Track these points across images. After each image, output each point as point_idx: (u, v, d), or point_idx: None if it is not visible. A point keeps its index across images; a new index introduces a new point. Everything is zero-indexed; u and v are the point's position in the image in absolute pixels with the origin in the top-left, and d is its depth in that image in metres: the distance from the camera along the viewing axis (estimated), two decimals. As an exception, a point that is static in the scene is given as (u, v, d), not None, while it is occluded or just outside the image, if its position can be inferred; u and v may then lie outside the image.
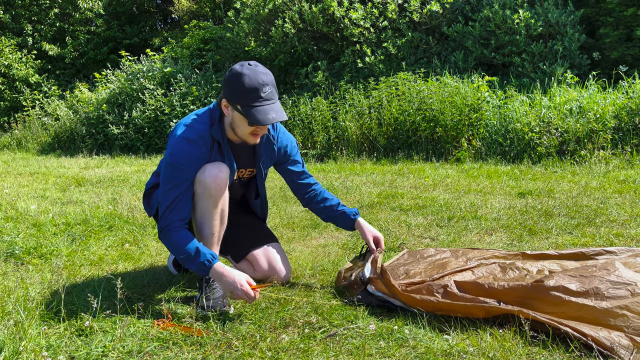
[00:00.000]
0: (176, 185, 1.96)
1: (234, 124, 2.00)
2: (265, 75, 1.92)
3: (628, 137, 5.59)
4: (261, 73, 1.91)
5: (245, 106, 1.91)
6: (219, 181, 1.98)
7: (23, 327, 1.73)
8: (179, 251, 1.93)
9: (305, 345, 1.66)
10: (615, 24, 7.51)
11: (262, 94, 1.90)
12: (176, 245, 1.94)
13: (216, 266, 1.91)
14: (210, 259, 1.91)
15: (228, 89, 1.94)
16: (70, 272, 2.48)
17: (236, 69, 1.92)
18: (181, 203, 1.96)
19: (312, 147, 7.25)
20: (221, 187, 2.00)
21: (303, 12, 8.14)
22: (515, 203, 3.73)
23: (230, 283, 1.87)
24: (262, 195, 2.36)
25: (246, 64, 1.93)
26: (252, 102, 1.90)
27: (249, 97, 1.89)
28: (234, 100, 1.94)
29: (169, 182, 1.97)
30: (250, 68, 1.91)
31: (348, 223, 2.28)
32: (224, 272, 1.89)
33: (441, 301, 1.83)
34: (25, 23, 12.96)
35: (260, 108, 1.90)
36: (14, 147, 10.24)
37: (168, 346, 1.69)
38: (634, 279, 1.71)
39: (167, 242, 1.98)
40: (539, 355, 1.56)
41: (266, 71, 1.94)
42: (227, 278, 1.88)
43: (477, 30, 7.55)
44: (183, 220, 1.97)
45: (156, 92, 8.63)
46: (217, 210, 2.02)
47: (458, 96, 6.38)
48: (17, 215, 3.64)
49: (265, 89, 1.90)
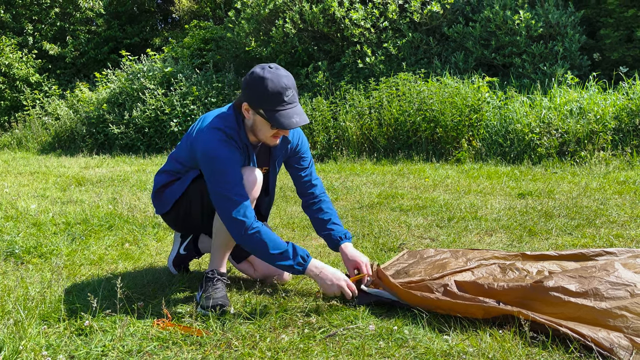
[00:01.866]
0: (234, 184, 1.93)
1: (255, 127, 1.99)
2: (287, 79, 1.90)
3: (628, 138, 5.59)
4: (283, 76, 1.89)
5: (268, 110, 1.89)
6: (257, 187, 2.02)
7: (23, 326, 1.73)
8: (273, 247, 1.91)
9: (304, 345, 1.66)
10: (615, 25, 7.51)
11: (285, 98, 1.88)
12: (267, 243, 1.91)
13: (313, 262, 1.94)
14: (306, 256, 1.94)
15: (250, 93, 1.92)
16: (70, 271, 2.48)
17: (258, 73, 1.89)
18: (247, 201, 1.95)
19: (312, 147, 7.26)
20: (257, 191, 2.03)
21: (304, 12, 8.14)
22: (515, 204, 3.73)
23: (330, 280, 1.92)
24: (272, 193, 2.36)
25: (267, 67, 1.90)
26: (275, 107, 1.88)
27: (272, 101, 1.87)
28: (257, 104, 1.91)
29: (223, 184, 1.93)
30: (272, 71, 1.88)
31: (332, 245, 2.23)
32: (323, 269, 1.93)
33: (441, 299, 1.83)
34: (26, 22, 12.97)
35: (283, 112, 1.88)
36: (15, 147, 10.25)
37: (168, 346, 1.69)
38: (634, 279, 1.71)
39: (256, 241, 1.92)
40: (538, 356, 1.56)
41: (288, 74, 1.92)
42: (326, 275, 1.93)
43: (478, 31, 7.55)
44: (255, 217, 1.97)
45: (156, 91, 8.63)
46: None
47: (458, 97, 6.38)
48: (17, 214, 3.64)
49: (288, 92, 1.88)
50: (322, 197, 2.29)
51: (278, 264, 1.94)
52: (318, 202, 2.28)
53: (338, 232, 2.22)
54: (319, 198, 2.29)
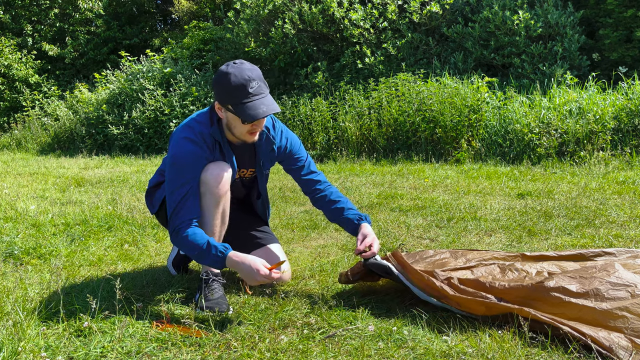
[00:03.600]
0: (182, 184, 1.96)
1: (230, 124, 2.00)
2: (251, 71, 1.90)
3: (627, 138, 5.60)
4: (246, 69, 1.90)
5: (235, 105, 1.90)
6: (222, 180, 1.98)
7: (22, 327, 1.72)
8: (192, 248, 1.91)
9: (304, 346, 1.66)
10: (614, 25, 7.51)
11: (250, 90, 1.88)
12: (188, 242, 1.91)
13: (231, 255, 1.88)
14: (224, 250, 1.88)
15: (217, 91, 1.94)
16: (69, 272, 2.48)
17: (222, 70, 1.92)
18: (189, 202, 1.96)
19: (311, 147, 7.26)
20: (223, 187, 2.00)
21: (303, 12, 8.14)
22: (515, 204, 3.73)
23: (249, 269, 1.84)
24: (264, 196, 2.36)
25: (231, 63, 1.92)
26: (241, 100, 1.88)
27: (237, 95, 1.88)
28: (224, 100, 1.93)
29: (175, 182, 1.97)
30: (235, 66, 1.90)
31: (351, 228, 2.19)
32: (240, 260, 1.86)
33: (445, 288, 1.83)
34: (25, 23, 12.96)
35: (250, 104, 1.88)
36: (14, 147, 10.24)
37: (167, 347, 1.69)
38: (634, 280, 1.71)
39: (179, 241, 1.95)
40: (538, 356, 1.56)
41: (252, 67, 1.93)
42: (244, 265, 1.84)
43: (477, 31, 7.56)
44: (192, 219, 1.96)
45: (156, 92, 8.63)
46: (219, 209, 2.02)
47: (458, 97, 6.39)
48: (17, 215, 3.64)
49: (252, 84, 1.88)
50: (328, 188, 2.27)
51: (203, 262, 1.93)
52: (327, 194, 2.24)
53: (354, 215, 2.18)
54: (325, 190, 2.26)
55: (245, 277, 1.87)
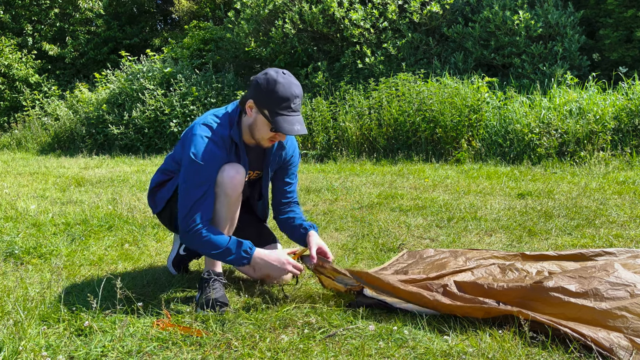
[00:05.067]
0: (200, 184, 1.96)
1: (255, 126, 2.00)
2: (298, 88, 1.95)
3: (628, 138, 5.60)
4: (294, 85, 1.94)
5: (273, 112, 1.92)
6: (236, 182, 2.00)
7: (22, 326, 1.73)
8: (215, 246, 1.94)
9: (304, 345, 1.66)
10: (615, 25, 7.51)
11: (292, 105, 1.93)
12: (210, 242, 1.94)
13: (257, 252, 1.96)
14: (251, 247, 1.96)
15: (259, 92, 1.94)
16: (69, 272, 2.48)
17: (272, 75, 1.93)
18: (206, 202, 1.96)
19: (311, 147, 7.26)
20: (237, 189, 2.01)
21: (303, 12, 8.14)
22: (515, 204, 3.73)
23: (278, 264, 1.95)
24: (265, 197, 2.37)
25: (281, 71, 1.95)
26: (281, 110, 1.92)
27: (279, 104, 1.91)
28: (263, 104, 1.94)
29: (191, 181, 1.96)
30: (285, 77, 1.94)
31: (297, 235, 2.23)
32: (266, 256, 1.95)
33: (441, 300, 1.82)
34: (25, 23, 12.97)
35: (287, 118, 1.92)
36: (14, 147, 10.24)
37: (167, 346, 1.69)
38: (633, 280, 1.71)
39: (198, 241, 1.95)
40: (538, 356, 1.56)
41: (299, 84, 1.98)
42: (272, 261, 1.95)
43: (477, 31, 7.56)
44: (209, 220, 1.98)
45: (156, 92, 8.63)
46: (230, 211, 2.04)
47: (458, 97, 6.39)
48: (17, 215, 3.64)
49: (295, 100, 1.94)
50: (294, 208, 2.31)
51: (224, 260, 1.97)
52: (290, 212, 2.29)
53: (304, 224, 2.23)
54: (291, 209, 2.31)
55: (273, 271, 1.97)
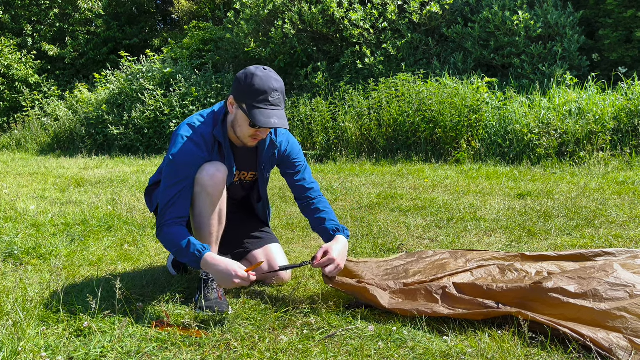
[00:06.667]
0: (176, 183, 1.97)
1: (236, 122, 2.01)
2: (277, 82, 1.94)
3: (627, 138, 5.60)
4: (273, 79, 1.93)
5: (250, 106, 1.91)
6: (217, 180, 1.99)
7: (22, 327, 1.73)
8: (172, 245, 1.94)
9: (304, 346, 1.66)
10: (614, 26, 7.51)
11: (270, 99, 1.91)
12: (169, 239, 1.94)
13: (207, 256, 1.88)
14: (201, 249, 1.89)
15: (238, 87, 1.95)
16: (69, 272, 2.48)
17: (250, 70, 1.94)
18: (180, 201, 1.97)
19: (311, 148, 7.26)
20: (218, 187, 2.00)
21: (303, 13, 8.14)
22: (515, 204, 3.73)
23: (225, 271, 1.84)
24: (264, 199, 2.36)
25: (261, 67, 1.95)
26: (258, 104, 1.91)
27: (256, 97, 1.91)
28: (241, 98, 1.94)
29: (169, 179, 1.99)
30: (264, 72, 1.94)
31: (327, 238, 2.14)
32: (215, 262, 1.86)
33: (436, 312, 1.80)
34: (25, 23, 12.97)
35: (264, 111, 1.90)
36: (14, 148, 10.24)
37: (167, 347, 1.69)
38: (633, 280, 1.71)
39: (162, 238, 1.98)
40: (537, 356, 1.56)
41: (279, 78, 1.97)
42: (219, 267, 1.84)
43: (477, 32, 7.56)
44: (180, 218, 1.97)
45: (156, 92, 8.63)
46: (215, 209, 2.02)
47: (457, 97, 6.39)
48: (17, 215, 3.64)
49: (274, 94, 1.92)
50: (318, 198, 2.25)
51: (181, 260, 1.95)
52: (315, 203, 2.23)
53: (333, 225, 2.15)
54: (315, 200, 2.24)
55: (219, 281, 1.87)
